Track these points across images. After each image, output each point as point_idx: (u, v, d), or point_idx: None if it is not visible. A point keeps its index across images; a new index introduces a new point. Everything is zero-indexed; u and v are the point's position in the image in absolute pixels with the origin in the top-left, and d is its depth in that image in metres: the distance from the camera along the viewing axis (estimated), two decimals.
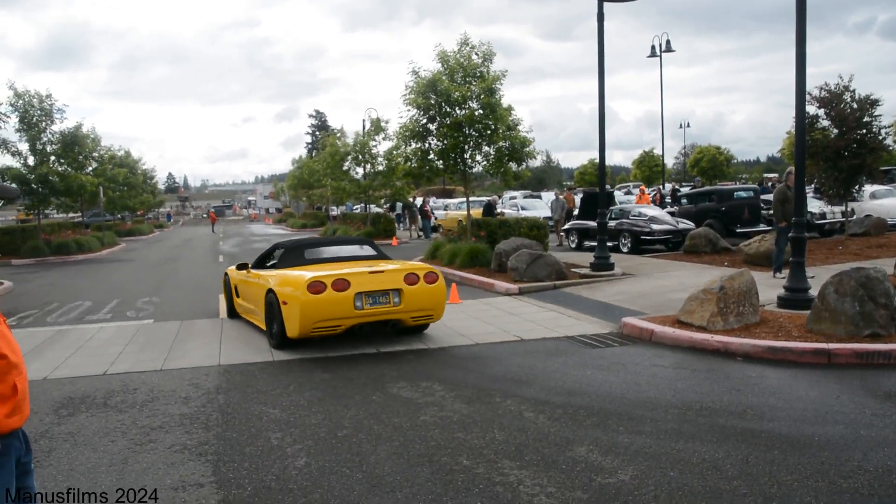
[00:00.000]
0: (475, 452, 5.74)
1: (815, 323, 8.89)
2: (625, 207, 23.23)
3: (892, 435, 5.88)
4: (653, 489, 4.96)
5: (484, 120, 18.88)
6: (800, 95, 10.51)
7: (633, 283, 14.36)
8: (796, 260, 10.45)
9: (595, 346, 9.49)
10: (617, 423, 6.37)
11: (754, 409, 6.65)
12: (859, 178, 20.90)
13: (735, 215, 22.38)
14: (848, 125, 20.60)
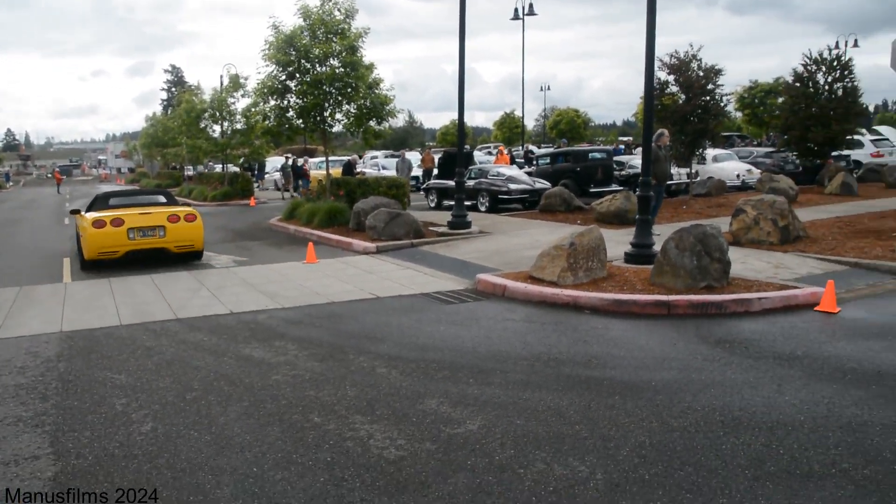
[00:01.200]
0: (326, 409, 5.75)
1: (658, 276, 9.38)
2: (483, 167, 23.58)
3: (718, 377, 6.32)
4: (499, 437, 5.14)
5: (345, 78, 18.64)
6: (649, 63, 10.93)
7: (489, 241, 14.66)
8: (642, 217, 10.95)
9: (450, 302, 9.65)
10: (467, 375, 6.53)
11: (598, 358, 6.97)
12: (703, 142, 22.06)
13: (589, 176, 23.15)
14: (694, 91, 21.62)
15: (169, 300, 10.12)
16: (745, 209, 13.02)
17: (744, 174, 25.75)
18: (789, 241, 12.71)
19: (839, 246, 12.40)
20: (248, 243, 16.78)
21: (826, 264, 11.06)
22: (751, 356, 6.94)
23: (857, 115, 25.91)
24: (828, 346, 7.22)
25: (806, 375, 6.36)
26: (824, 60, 24.95)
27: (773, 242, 12.57)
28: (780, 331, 7.82)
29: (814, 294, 8.91)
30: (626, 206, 15.94)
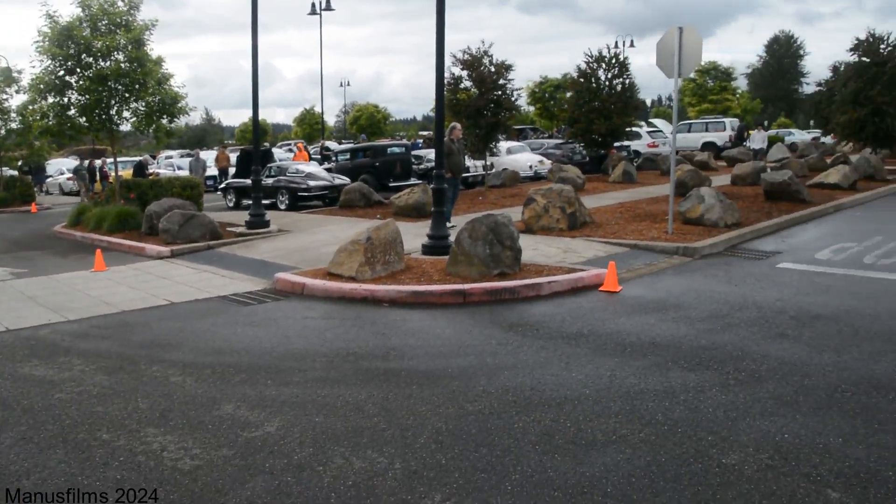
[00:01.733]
0: (116, 424, 5.45)
1: (453, 266, 9.65)
2: (282, 165, 23.24)
3: (511, 360, 6.60)
4: (298, 436, 5.08)
5: (131, 74, 17.65)
6: (439, 59, 11.15)
7: (289, 240, 14.47)
8: (437, 209, 11.22)
9: (248, 303, 9.44)
10: (265, 377, 6.41)
11: (396, 350, 7.07)
12: (496, 135, 22.91)
13: (388, 170, 23.41)
14: (486, 86, 22.37)
15: None
16: (535, 198, 13.66)
17: (536, 165, 27.01)
18: (577, 226, 13.48)
19: (621, 230, 13.31)
20: (28, 253, 15.53)
21: (609, 247, 11.84)
22: (541, 337, 7.30)
23: (635, 109, 27.90)
24: (610, 323, 7.73)
25: (591, 352, 6.78)
26: (604, 58, 26.64)
27: (562, 229, 13.28)
28: (568, 311, 8.29)
29: (598, 275, 9.51)
30: (424, 199, 16.26)
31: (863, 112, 26.53)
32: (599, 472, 4.41)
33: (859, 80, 26.84)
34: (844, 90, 27.72)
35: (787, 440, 4.80)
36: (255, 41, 15.43)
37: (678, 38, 12.35)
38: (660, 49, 12.74)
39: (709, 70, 64.81)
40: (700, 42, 12.40)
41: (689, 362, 6.40)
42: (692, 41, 12.36)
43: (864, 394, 5.63)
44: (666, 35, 12.66)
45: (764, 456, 4.58)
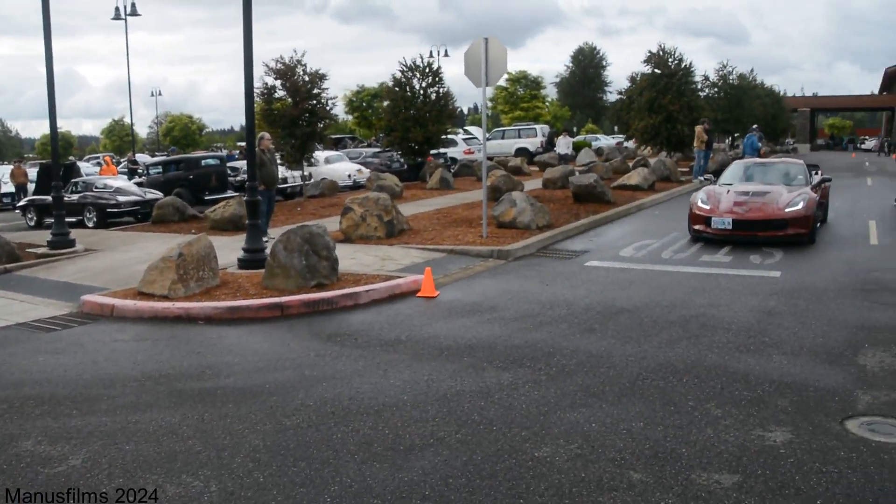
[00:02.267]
0: None
1: (270, 279, 9.47)
2: (88, 180, 21.91)
3: (330, 371, 6.56)
4: (107, 468, 4.80)
5: None
6: (248, 67, 10.90)
7: (97, 259, 13.67)
8: (251, 222, 10.97)
9: (51, 329, 8.81)
10: (71, 407, 6.01)
11: (212, 368, 6.84)
12: (313, 144, 22.74)
13: (203, 183, 22.64)
14: (301, 96, 22.16)
15: None
16: (352, 207, 13.66)
17: (354, 174, 27.01)
18: (395, 234, 13.61)
19: (438, 235, 13.56)
20: None
21: (426, 253, 12.04)
22: (360, 346, 7.30)
23: (450, 117, 28.53)
24: (427, 328, 7.86)
25: (409, 357, 6.85)
26: (418, 67, 27.08)
27: (380, 237, 13.36)
28: (387, 319, 8.34)
29: (415, 281, 9.63)
30: (240, 212, 15.80)
31: (657, 119, 28.58)
32: (418, 477, 4.46)
33: (653, 90, 28.91)
34: (641, 99, 29.76)
35: (595, 429, 5.07)
36: (49, 44, 14.39)
37: (484, 48, 12.76)
38: (467, 59, 13.11)
39: (519, 79, 67.53)
40: (505, 52, 12.87)
41: (504, 361, 6.61)
42: (497, 51, 12.81)
43: (661, 379, 6.04)
44: (472, 45, 13.04)
45: (573, 446, 4.81)
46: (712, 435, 4.94)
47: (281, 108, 22.68)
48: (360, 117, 61.19)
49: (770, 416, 5.24)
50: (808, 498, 4.09)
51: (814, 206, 12.59)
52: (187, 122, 75.47)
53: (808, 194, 12.78)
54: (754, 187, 13.51)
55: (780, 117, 52.01)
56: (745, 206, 12.53)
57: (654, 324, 7.74)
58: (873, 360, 6.51)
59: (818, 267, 10.69)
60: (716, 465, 4.50)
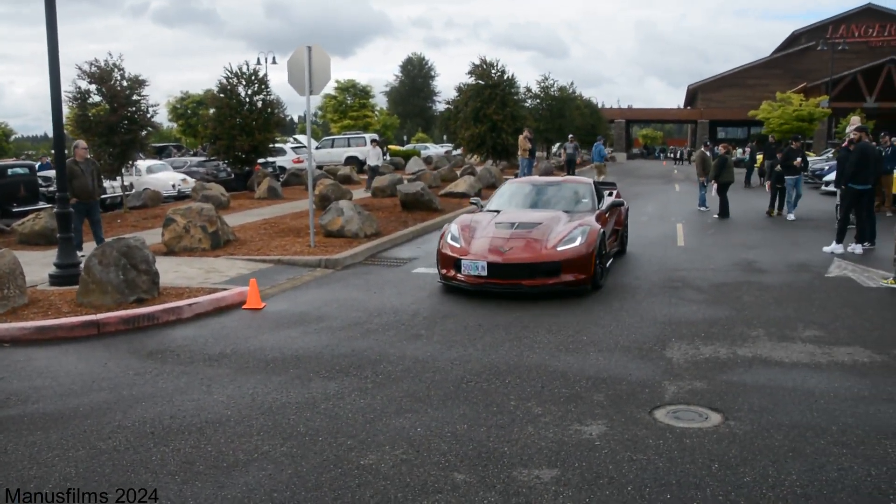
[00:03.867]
0: None
1: (84, 296, 8.95)
2: None
3: (150, 389, 6.28)
4: None
5: None
6: (53, 69, 10.27)
7: None
8: (63, 236, 10.32)
9: None
10: None
11: (18, 394, 6.36)
12: (133, 153, 21.74)
13: (10, 193, 21.07)
14: (119, 102, 21.14)
15: None
16: (175, 218, 13.16)
17: (179, 184, 26.05)
18: (220, 245, 13.23)
19: (265, 246, 13.31)
20: None
21: (253, 264, 11.78)
22: (182, 362, 7.04)
23: (277, 125, 28.06)
24: (253, 341, 7.69)
25: (233, 371, 6.68)
26: (244, 74, 26.47)
27: (205, 248, 12.95)
28: (211, 333, 8.09)
29: (241, 293, 9.41)
30: (53, 225, 14.85)
31: (483, 128, 29.42)
32: (241, 493, 4.36)
33: (478, 100, 29.73)
34: (467, 109, 30.52)
35: (420, 433, 5.15)
36: None
37: (308, 56, 12.68)
38: (290, 67, 12.98)
39: (348, 87, 67.48)
40: (328, 60, 12.84)
41: (330, 371, 6.59)
42: (321, 60, 12.77)
43: (485, 381, 6.23)
44: (295, 53, 12.93)
45: (399, 451, 4.86)
46: (533, 432, 5.14)
47: (97, 115, 21.53)
48: (185, 125, 59.10)
49: (587, 411, 5.52)
50: (620, 485, 4.35)
51: (597, 241, 9.72)
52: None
53: (590, 225, 10.02)
54: (524, 216, 10.62)
55: (598, 127, 54.87)
56: (506, 245, 9.61)
57: (479, 327, 7.96)
58: (679, 352, 7.00)
59: (632, 267, 11.38)
60: (536, 460, 4.69)
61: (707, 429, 5.19)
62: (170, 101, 58.95)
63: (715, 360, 6.80)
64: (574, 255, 9.41)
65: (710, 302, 9.18)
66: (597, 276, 9.70)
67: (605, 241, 10.26)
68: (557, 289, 9.36)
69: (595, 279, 9.64)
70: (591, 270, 9.49)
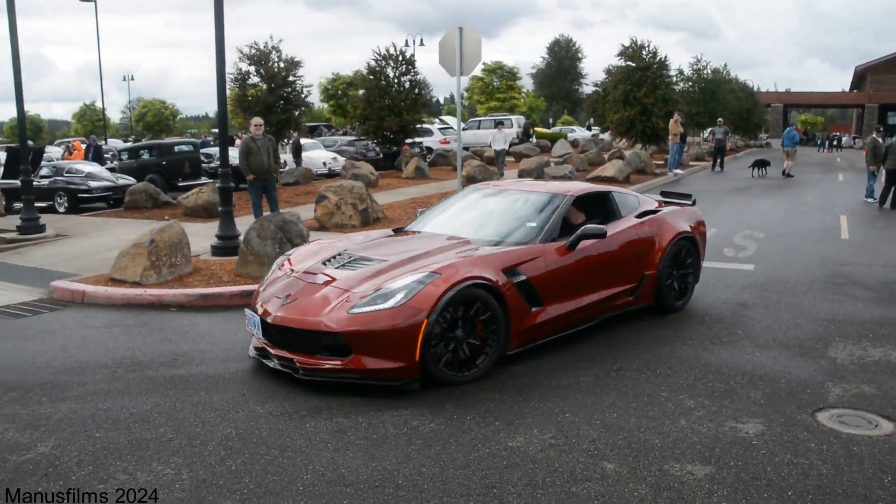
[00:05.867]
0: None
1: (243, 267, 9.39)
2: (59, 164, 21.62)
3: None
4: (76, 454, 4.73)
5: None
6: (219, 54, 10.76)
7: (68, 245, 13.48)
8: (224, 209, 10.86)
9: (21, 315, 8.67)
10: (40, 394, 5.90)
11: (185, 355, 6.76)
12: (288, 132, 22.60)
13: (176, 169, 22.41)
14: (276, 82, 22.00)
15: None
16: (327, 195, 13.58)
17: (330, 162, 26.88)
18: (369, 222, 13.56)
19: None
20: None
21: None
22: None
23: (424, 106, 28.47)
24: None
25: None
26: (392, 56, 26.96)
27: (355, 225, 13.30)
28: None
29: None
30: (214, 199, 15.68)
31: (632, 111, 28.70)
32: (391, 465, 4.44)
33: (627, 83, 29.01)
34: (615, 91, 29.85)
35: (568, 419, 5.08)
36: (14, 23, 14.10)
37: (459, 37, 12.72)
38: (442, 48, 13.06)
39: (495, 69, 67.56)
40: (479, 42, 12.84)
41: None
42: (472, 41, 12.78)
43: (635, 370, 6.10)
44: (447, 35, 12.99)
45: (547, 436, 4.82)
46: (685, 426, 4.98)
47: (255, 95, 22.50)
48: (336, 105, 60.92)
49: (742, 408, 5.29)
50: (779, 489, 4.13)
51: (440, 302, 5.58)
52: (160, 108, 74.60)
53: (442, 274, 5.77)
54: (397, 243, 7.10)
55: (753, 112, 52.41)
56: (295, 290, 6.25)
57: (628, 315, 7.77)
58: (844, 353, 6.59)
59: (791, 260, 10.81)
60: (689, 455, 4.53)
61: (878, 437, 4.85)
62: (321, 82, 60.90)
63: (886, 363, 6.34)
64: (375, 325, 5.56)
65: (880, 300, 8.58)
66: (428, 367, 5.61)
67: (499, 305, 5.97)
68: (347, 381, 5.71)
69: (428, 371, 5.63)
70: (414, 356, 5.55)
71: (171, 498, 4.14)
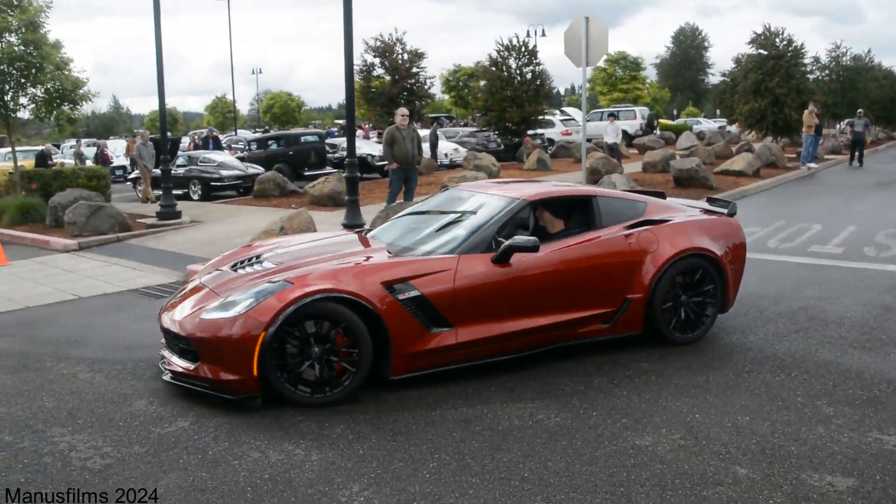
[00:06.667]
0: (20, 425, 5.17)
1: None
2: (193, 154, 22.69)
3: None
4: (213, 430, 4.96)
5: (27, 57, 16.89)
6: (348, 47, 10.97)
7: (202, 230, 14.13)
8: (351, 198, 11.09)
9: (160, 296, 9.15)
10: None
11: None
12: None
13: (302, 159, 23.12)
14: (400, 74, 22.34)
15: None
16: (449, 186, 13.65)
17: (451, 153, 27.07)
18: None
19: None
20: None
21: None
22: None
23: (546, 97, 28.26)
24: None
25: None
26: (514, 47, 26.87)
27: None
28: None
29: None
30: (339, 188, 16.06)
31: (763, 102, 27.57)
32: (515, 458, 4.44)
33: (759, 72, 27.87)
34: (745, 81, 28.73)
35: (698, 420, 4.94)
36: (158, 23, 14.93)
37: (585, 27, 12.53)
38: (567, 38, 12.91)
39: (618, 60, 66.28)
40: (606, 32, 12.61)
41: (607, 347, 6.49)
42: (598, 31, 12.57)
43: (768, 373, 5.83)
44: (573, 25, 12.83)
45: (676, 436, 4.69)
46: (824, 434, 4.73)
47: (379, 87, 22.91)
48: (457, 97, 61.25)
49: (888, 418, 4.99)
50: None
51: (279, 315, 5.12)
52: (287, 100, 76.93)
53: (298, 281, 5.36)
54: (298, 247, 6.68)
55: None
56: (185, 291, 6.32)
57: (761, 314, 7.47)
58: None
59: None
60: (828, 465, 4.31)
61: None
62: (442, 73, 61.31)
63: None
64: (215, 333, 5.30)
65: None
66: (272, 384, 5.23)
67: (363, 322, 5.32)
68: (197, 388, 5.53)
69: (273, 388, 5.25)
70: (252, 370, 5.15)
71: (301, 478, 4.27)
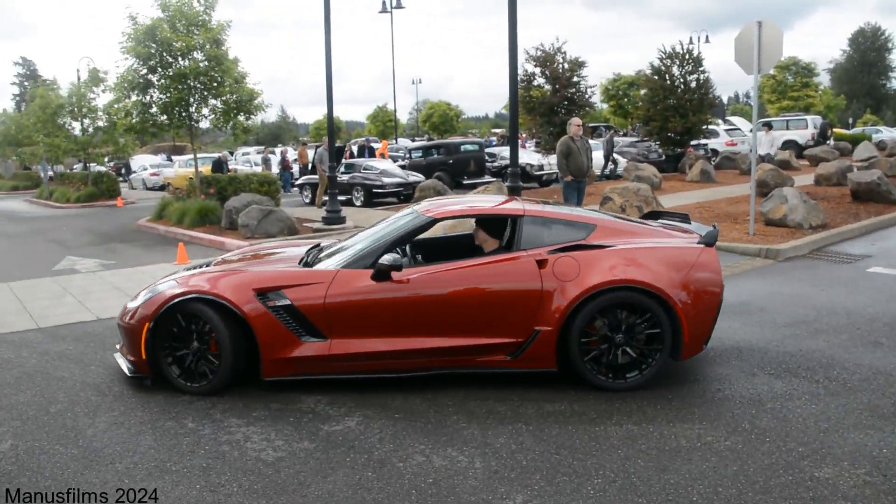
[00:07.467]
0: (201, 414, 5.56)
1: None
2: (356, 161, 23.52)
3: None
4: (378, 431, 5.12)
5: (210, 72, 18.12)
6: (512, 58, 11.09)
7: None
8: None
9: None
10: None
11: None
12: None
13: (462, 167, 23.46)
14: (561, 83, 22.23)
15: (30, 309, 9.54)
16: (612, 197, 13.48)
17: (611, 164, 26.67)
18: None
19: None
20: (115, 245, 16.05)
21: None
22: None
23: (711, 106, 27.28)
24: None
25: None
26: (678, 54, 26.14)
27: None
28: None
29: None
30: None
31: None
32: (684, 480, 4.31)
33: None
34: None
35: (886, 455, 4.61)
36: (329, 38, 15.57)
37: (757, 32, 12.01)
38: (738, 44, 12.41)
39: (789, 66, 63.06)
40: (780, 36, 12.03)
41: (776, 368, 6.20)
42: (772, 36, 12.00)
43: None
44: (744, 30, 12.33)
45: (861, 471, 4.40)
46: None
47: (539, 96, 22.88)
48: (616, 106, 60.26)
49: None
50: None
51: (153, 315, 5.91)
52: (445, 110, 78.28)
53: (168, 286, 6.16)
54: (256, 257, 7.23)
55: None
56: None
57: None
58: None
59: None
60: None
61: None
62: (602, 82, 60.49)
63: None
64: (122, 320, 6.41)
65: None
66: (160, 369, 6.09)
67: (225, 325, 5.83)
68: None
69: (161, 373, 6.10)
70: (141, 354, 6.05)
71: (464, 485, 4.33)
